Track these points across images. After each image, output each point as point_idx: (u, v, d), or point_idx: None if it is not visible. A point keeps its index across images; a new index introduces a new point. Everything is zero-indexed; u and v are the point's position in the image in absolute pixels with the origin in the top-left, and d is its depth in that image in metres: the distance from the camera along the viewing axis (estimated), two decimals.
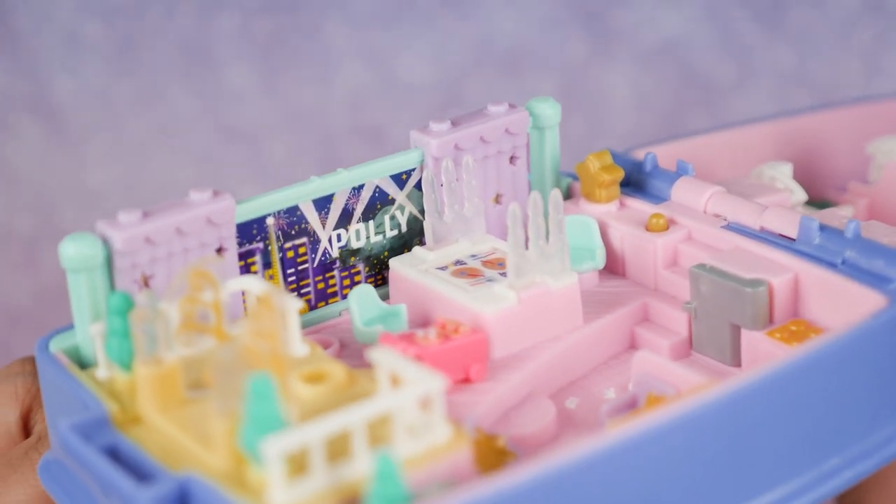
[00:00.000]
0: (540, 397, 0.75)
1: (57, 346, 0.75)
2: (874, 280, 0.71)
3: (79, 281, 0.73)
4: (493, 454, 0.69)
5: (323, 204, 0.80)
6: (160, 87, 1.27)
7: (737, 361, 0.74)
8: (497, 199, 0.85)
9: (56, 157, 1.29)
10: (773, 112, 1.10)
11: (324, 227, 0.81)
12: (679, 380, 0.71)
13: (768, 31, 1.23)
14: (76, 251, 0.73)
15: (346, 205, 0.81)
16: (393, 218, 0.82)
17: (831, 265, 0.73)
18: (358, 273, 0.82)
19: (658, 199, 0.82)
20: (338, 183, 0.81)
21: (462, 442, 0.65)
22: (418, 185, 0.82)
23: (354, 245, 0.82)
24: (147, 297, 0.68)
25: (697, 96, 1.24)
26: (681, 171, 0.82)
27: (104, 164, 1.30)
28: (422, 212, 0.82)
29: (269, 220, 0.79)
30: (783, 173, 0.86)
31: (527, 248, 0.76)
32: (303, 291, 0.82)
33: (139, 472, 0.66)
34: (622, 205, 0.83)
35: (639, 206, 0.82)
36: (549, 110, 0.85)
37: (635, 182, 0.84)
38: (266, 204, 0.79)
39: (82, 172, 1.29)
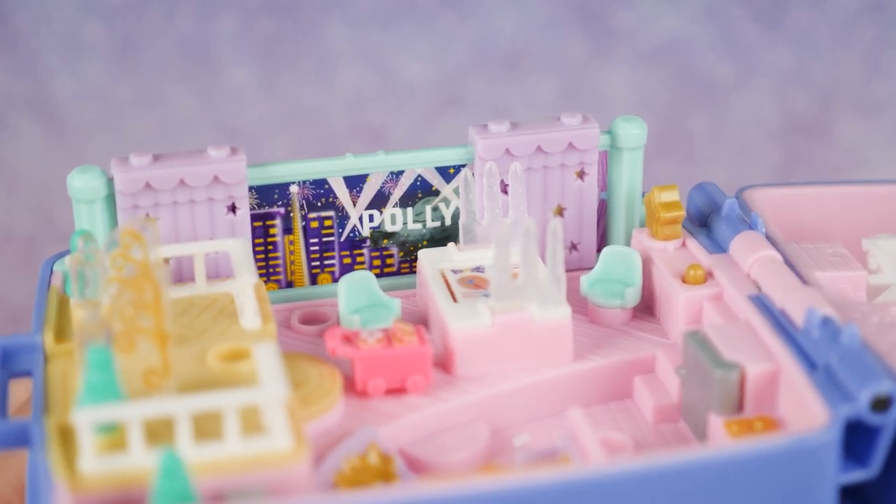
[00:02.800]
0: (478, 426, 0.73)
1: (61, 267, 0.79)
2: (836, 394, 0.66)
3: (81, 211, 0.78)
4: (374, 473, 0.68)
5: (355, 182, 0.80)
6: (160, 87, 1.27)
7: (704, 442, 0.71)
8: (560, 212, 0.83)
9: (56, 157, 1.29)
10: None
11: (354, 204, 0.81)
12: (585, 449, 0.68)
13: (768, 30, 1.22)
14: (82, 183, 0.77)
15: (382, 187, 0.81)
16: (436, 209, 0.82)
17: (812, 365, 0.69)
18: (391, 256, 0.83)
19: (719, 248, 0.79)
20: (373, 164, 0.80)
21: (299, 454, 0.64)
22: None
23: (389, 228, 0.82)
24: (84, 241, 0.72)
25: (697, 96, 1.24)
26: (751, 223, 0.80)
27: (104, 164, 1.29)
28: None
29: (293, 188, 0.80)
30: (883, 250, 0.81)
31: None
32: (326, 263, 0.83)
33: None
34: (683, 245, 0.80)
35: (696, 251, 0.80)
36: (634, 130, 0.82)
37: (710, 224, 0.82)
38: (292, 171, 0.80)
39: None
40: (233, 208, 0.79)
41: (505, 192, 0.81)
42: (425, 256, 0.79)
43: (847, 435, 0.67)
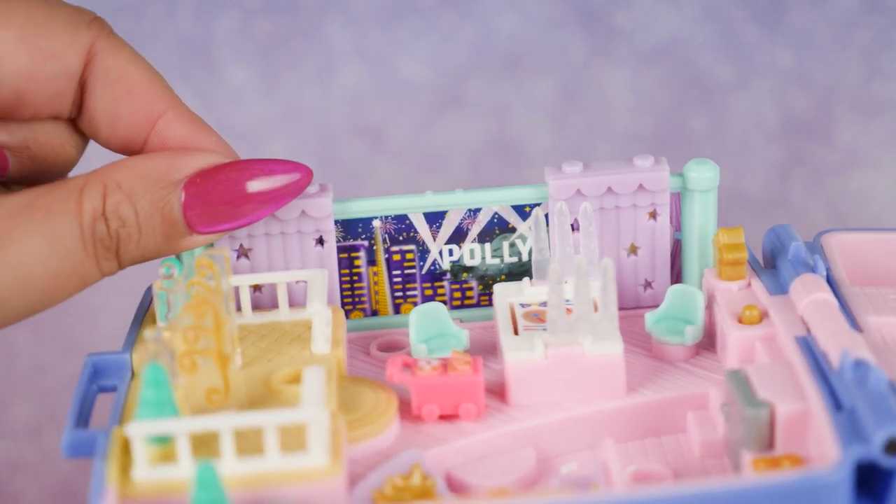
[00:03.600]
0: (525, 452, 0.76)
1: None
2: (852, 435, 0.67)
3: None
4: (414, 493, 0.71)
5: (435, 218, 0.85)
6: None
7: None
8: (633, 250, 0.86)
9: None
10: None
11: (434, 239, 0.86)
12: (613, 479, 0.70)
13: (768, 31, 1.22)
14: None
15: (461, 224, 0.85)
16: (513, 245, 0.86)
17: (838, 406, 0.70)
18: (471, 289, 0.87)
19: (781, 289, 0.81)
20: (452, 202, 0.85)
21: (335, 471, 0.68)
22: (547, 220, 0.85)
23: (468, 262, 0.86)
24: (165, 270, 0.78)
25: (697, 96, 1.24)
26: (813, 267, 0.81)
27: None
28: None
29: (376, 223, 0.86)
30: None
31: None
32: (409, 293, 0.88)
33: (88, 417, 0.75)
34: (749, 285, 0.83)
35: (758, 291, 0.82)
36: (706, 174, 0.84)
37: (777, 266, 0.84)
38: (374, 207, 0.86)
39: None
40: (320, 241, 0.85)
41: (577, 229, 0.84)
42: (500, 290, 0.83)
43: (868, 475, 0.68)
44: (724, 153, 1.25)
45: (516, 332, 0.80)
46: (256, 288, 0.86)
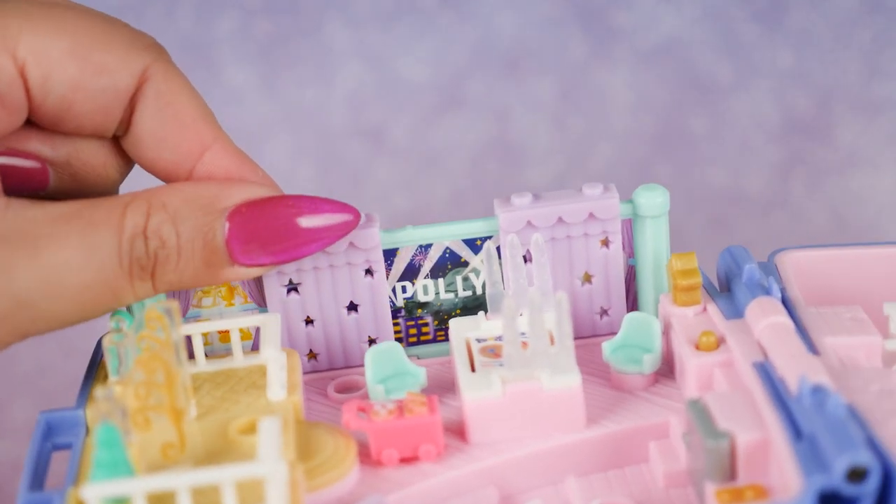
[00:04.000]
0: (488, 492, 0.75)
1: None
2: (814, 464, 0.66)
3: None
4: None
5: (387, 255, 0.84)
6: None
7: None
8: (588, 279, 0.85)
9: None
10: None
11: (387, 276, 0.85)
12: None
13: (768, 31, 1.22)
14: None
15: (413, 260, 0.85)
16: (466, 279, 0.85)
17: (798, 434, 0.69)
18: (426, 324, 0.86)
19: (737, 313, 0.80)
20: (402, 239, 0.84)
21: None
22: (500, 252, 0.84)
23: (421, 298, 0.85)
24: (115, 326, 0.77)
25: (697, 96, 1.24)
26: (767, 289, 0.80)
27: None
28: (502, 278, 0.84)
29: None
30: None
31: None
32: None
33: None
34: (704, 310, 0.82)
35: (714, 316, 0.81)
36: (656, 199, 0.84)
37: (732, 289, 0.83)
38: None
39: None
40: (369, 272, 0.84)
41: (530, 261, 0.83)
42: (455, 326, 0.83)
43: (831, 501, 0.66)
44: (724, 153, 1.25)
45: (473, 369, 0.79)
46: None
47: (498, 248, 0.84)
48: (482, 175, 1.25)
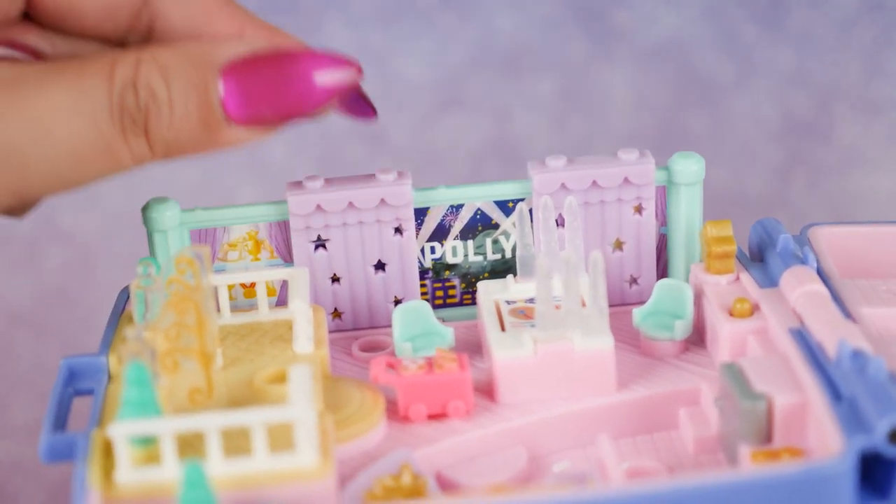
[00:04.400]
0: (516, 451, 0.75)
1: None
2: (854, 425, 0.66)
3: (156, 240, 0.83)
4: (405, 493, 0.70)
5: (417, 215, 0.83)
6: None
7: None
8: (619, 246, 0.84)
9: None
10: None
11: (416, 236, 0.84)
12: (609, 476, 0.69)
13: (768, 31, 1.22)
14: (158, 214, 0.82)
15: (443, 221, 0.83)
16: (496, 242, 0.84)
17: (837, 397, 0.69)
18: (453, 287, 0.85)
19: (771, 282, 0.80)
20: (434, 198, 0.83)
21: (325, 471, 0.66)
22: (532, 215, 0.83)
23: (450, 260, 0.84)
24: (142, 268, 0.76)
25: (697, 96, 1.24)
26: (803, 258, 0.80)
27: None
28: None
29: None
30: None
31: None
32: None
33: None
34: (737, 279, 0.81)
35: (748, 285, 0.80)
36: (693, 167, 0.83)
37: (765, 259, 0.82)
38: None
39: None
40: (399, 230, 0.83)
41: (562, 225, 0.82)
42: (484, 288, 0.82)
43: (871, 467, 0.66)
44: (724, 153, 1.25)
45: (503, 329, 0.78)
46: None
47: (530, 211, 0.83)
48: (482, 175, 1.25)
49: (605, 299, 0.75)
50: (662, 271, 0.86)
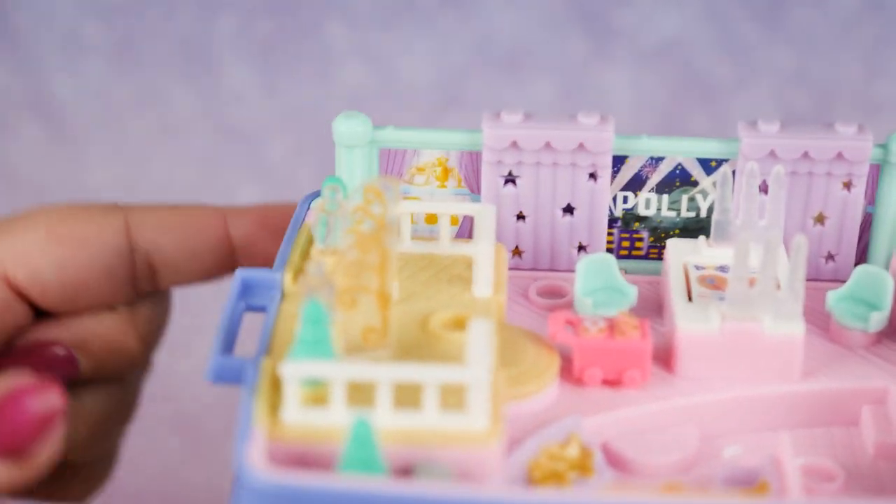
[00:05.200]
0: (688, 430, 0.72)
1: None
2: None
3: (342, 156, 0.80)
4: (571, 465, 0.67)
5: (614, 162, 0.80)
6: (160, 87, 1.26)
7: None
8: (820, 220, 0.81)
9: (56, 156, 1.29)
10: None
11: (610, 183, 0.81)
12: (785, 477, 0.65)
13: (768, 30, 1.22)
14: (346, 128, 0.80)
15: (640, 171, 0.80)
16: (692, 200, 0.81)
17: None
18: (641, 240, 0.82)
19: None
20: (635, 147, 0.80)
21: (493, 437, 0.64)
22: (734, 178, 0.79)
23: (642, 212, 0.82)
24: (330, 192, 0.74)
25: (697, 96, 1.24)
26: None
27: (104, 163, 1.30)
28: None
29: None
30: None
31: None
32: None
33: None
34: None
35: None
36: None
37: None
38: None
39: (82, 172, 1.29)
40: (593, 176, 0.80)
41: (765, 192, 0.79)
42: (673, 246, 0.78)
43: None
44: None
45: (690, 298, 0.75)
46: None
47: (733, 173, 0.79)
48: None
49: (803, 283, 0.71)
50: (862, 252, 0.83)
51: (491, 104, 1.24)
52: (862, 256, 0.82)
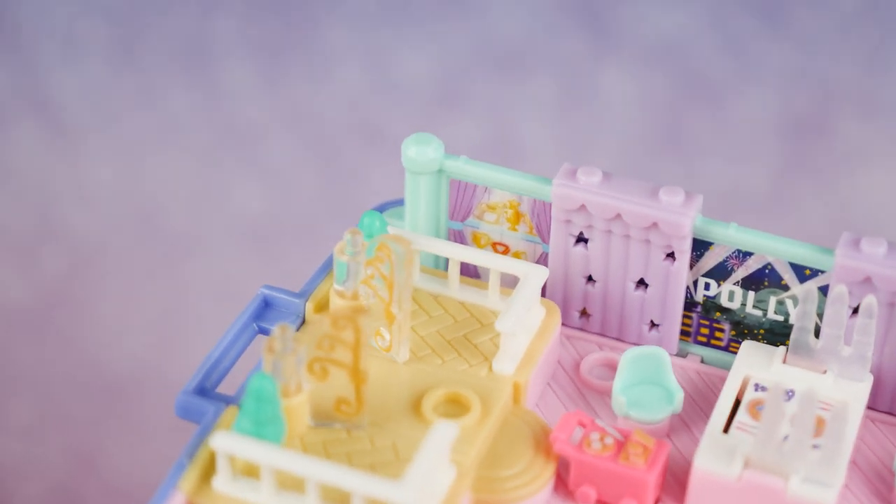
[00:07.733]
0: None
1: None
2: None
3: (409, 181, 0.76)
4: None
5: (698, 246, 0.72)
6: (160, 87, 1.26)
7: None
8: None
9: (55, 156, 1.29)
10: None
11: (691, 267, 0.73)
12: None
13: (769, 30, 1.22)
14: (415, 153, 0.75)
15: (725, 261, 0.72)
16: (781, 303, 0.73)
17: None
18: (722, 331, 0.74)
19: None
20: (721, 237, 0.72)
21: None
22: (823, 290, 0.71)
23: (725, 303, 0.73)
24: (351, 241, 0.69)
25: (697, 96, 1.23)
26: None
27: (104, 163, 1.29)
28: (820, 315, 0.72)
29: None
30: None
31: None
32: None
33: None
34: None
35: None
36: None
37: None
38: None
39: (82, 171, 1.29)
40: (671, 256, 0.73)
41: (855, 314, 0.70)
42: (746, 352, 0.70)
43: None
44: (723, 153, 1.25)
45: (727, 428, 0.66)
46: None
47: (824, 289, 0.71)
48: None
49: (851, 447, 0.63)
50: None
51: (491, 104, 1.24)
52: None
